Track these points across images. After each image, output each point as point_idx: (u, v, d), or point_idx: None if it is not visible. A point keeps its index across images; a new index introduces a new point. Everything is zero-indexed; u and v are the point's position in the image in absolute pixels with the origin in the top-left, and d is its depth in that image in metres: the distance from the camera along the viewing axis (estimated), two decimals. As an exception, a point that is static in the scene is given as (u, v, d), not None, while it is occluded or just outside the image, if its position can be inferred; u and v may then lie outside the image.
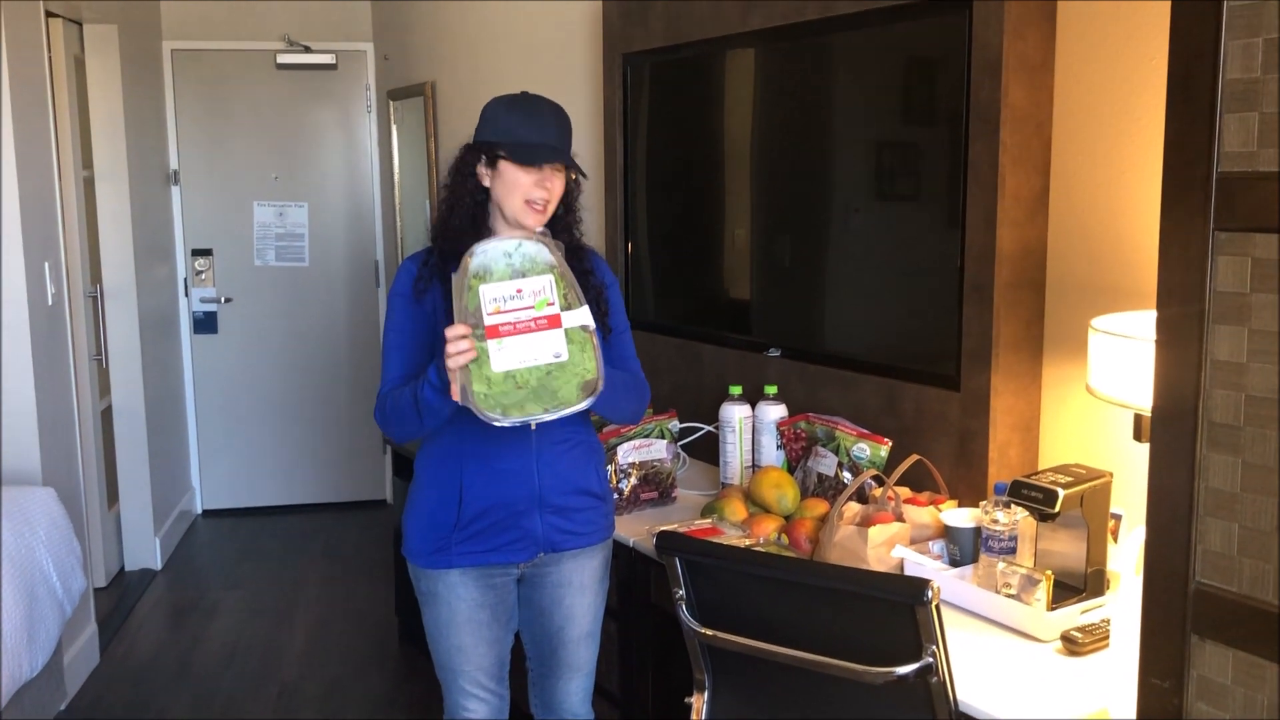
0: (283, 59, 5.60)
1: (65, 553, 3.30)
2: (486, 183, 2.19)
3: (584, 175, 2.23)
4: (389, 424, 2.21)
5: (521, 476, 2.20)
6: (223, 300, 5.72)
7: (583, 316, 1.97)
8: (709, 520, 2.51)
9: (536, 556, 2.26)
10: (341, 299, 5.87)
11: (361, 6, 5.75)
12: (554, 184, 2.17)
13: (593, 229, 3.64)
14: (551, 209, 2.20)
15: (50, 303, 3.73)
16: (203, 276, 5.70)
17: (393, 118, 5.56)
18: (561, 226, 2.28)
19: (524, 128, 2.15)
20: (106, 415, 4.83)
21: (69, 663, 3.69)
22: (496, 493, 2.20)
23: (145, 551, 5.00)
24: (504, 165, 2.15)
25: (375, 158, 5.82)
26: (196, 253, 5.68)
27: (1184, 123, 1.26)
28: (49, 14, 4.15)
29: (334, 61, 5.67)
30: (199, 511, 5.85)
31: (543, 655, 2.38)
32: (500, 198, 2.18)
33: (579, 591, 2.32)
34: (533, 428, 2.18)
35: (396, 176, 5.59)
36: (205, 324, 5.72)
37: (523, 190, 2.15)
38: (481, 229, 2.21)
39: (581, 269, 2.28)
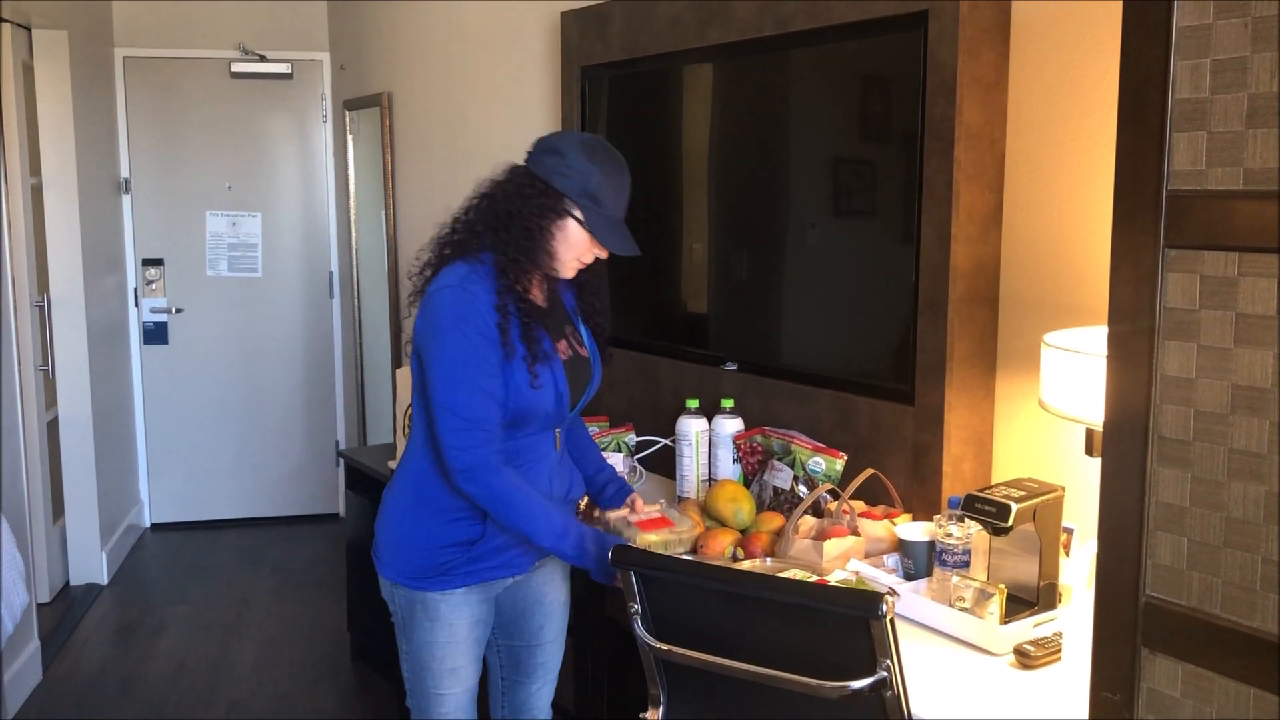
0: (237, 67, 5.55)
1: (8, 567, 3.23)
2: (553, 230, 2.10)
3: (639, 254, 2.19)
4: (497, 509, 2.07)
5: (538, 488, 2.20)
6: (174, 311, 5.64)
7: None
8: (656, 508, 2.46)
9: (535, 563, 2.27)
10: (295, 310, 5.81)
11: (318, 16, 5.71)
12: (603, 249, 2.17)
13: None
14: None
15: (-5, 312, 3.66)
16: (153, 286, 5.62)
17: (348, 128, 5.52)
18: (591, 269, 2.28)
19: (614, 202, 2.11)
20: (53, 427, 4.74)
21: (10, 680, 3.60)
22: None
23: (91, 566, 4.90)
24: (574, 225, 2.10)
25: (330, 168, 5.77)
26: (147, 262, 5.60)
27: (1134, 142, 1.28)
28: (-3, 18, 4.09)
29: (289, 71, 5.63)
30: (147, 525, 5.75)
31: (519, 660, 2.38)
32: (555, 248, 2.10)
33: (558, 587, 2.36)
34: (557, 446, 2.22)
35: (352, 187, 5.55)
36: (155, 334, 5.64)
37: (579, 252, 2.13)
38: (544, 270, 2.14)
39: (595, 307, 2.31)
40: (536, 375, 2.09)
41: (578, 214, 2.09)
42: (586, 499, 2.48)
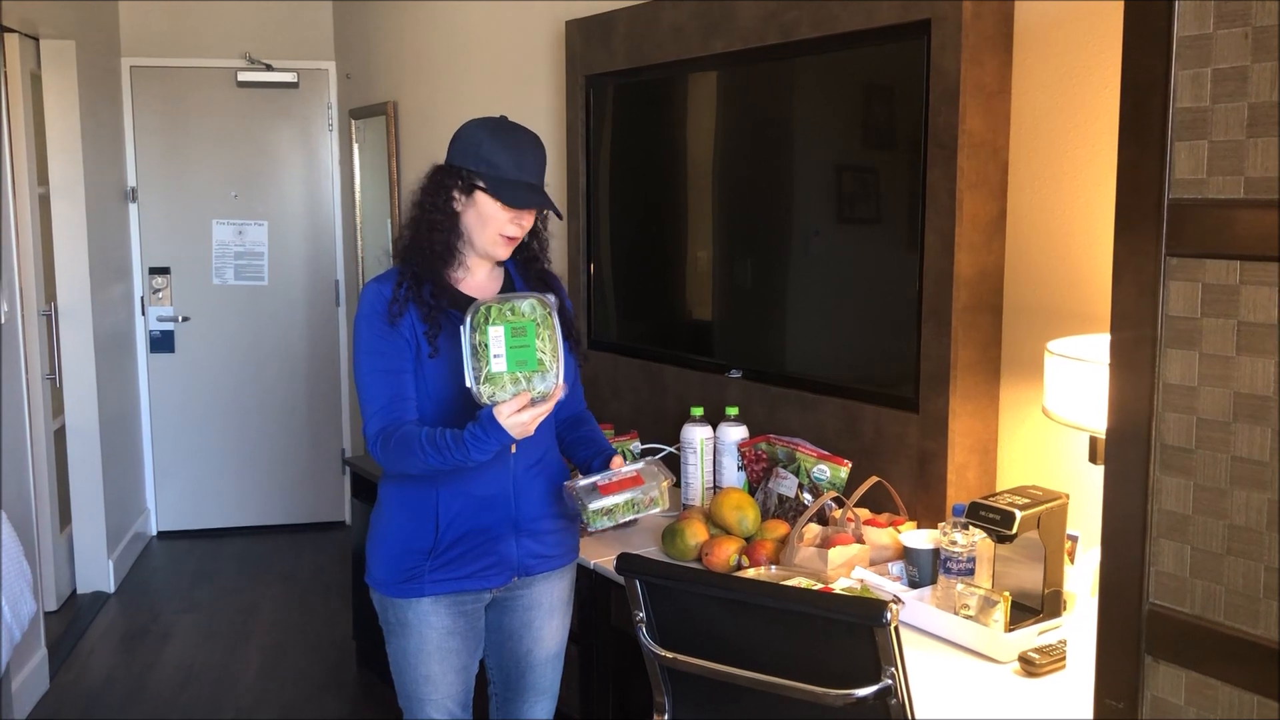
0: (244, 76, 5.57)
1: (15, 576, 3.24)
2: (458, 207, 2.15)
3: (560, 215, 2.22)
4: (397, 465, 2.11)
5: (498, 501, 2.17)
6: (180, 319, 5.66)
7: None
8: (636, 467, 2.22)
9: (510, 581, 2.24)
10: (301, 319, 5.82)
11: (324, 25, 5.74)
12: (527, 219, 2.17)
13: (555, 250, 3.64)
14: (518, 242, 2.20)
15: (2, 320, 3.67)
16: (160, 295, 5.64)
17: (354, 136, 5.53)
18: (529, 255, 2.28)
19: (508, 162, 2.12)
20: (59, 435, 4.75)
21: (17, 688, 3.61)
22: (474, 519, 2.17)
23: (98, 574, 4.91)
24: (481, 197, 2.12)
25: (336, 177, 5.79)
26: (154, 271, 5.62)
27: (1136, 150, 1.28)
28: (4, 29, 4.11)
29: (295, 80, 5.65)
30: (154, 533, 5.76)
31: (509, 679, 2.35)
32: (472, 228, 2.15)
33: (548, 614, 2.31)
34: (512, 450, 2.17)
35: (357, 195, 5.57)
36: (162, 343, 5.66)
37: (497, 225, 2.13)
38: (452, 253, 2.17)
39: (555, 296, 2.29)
40: (437, 350, 2.11)
41: (480, 183, 2.12)
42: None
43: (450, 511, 2.16)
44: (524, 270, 2.29)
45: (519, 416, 1.98)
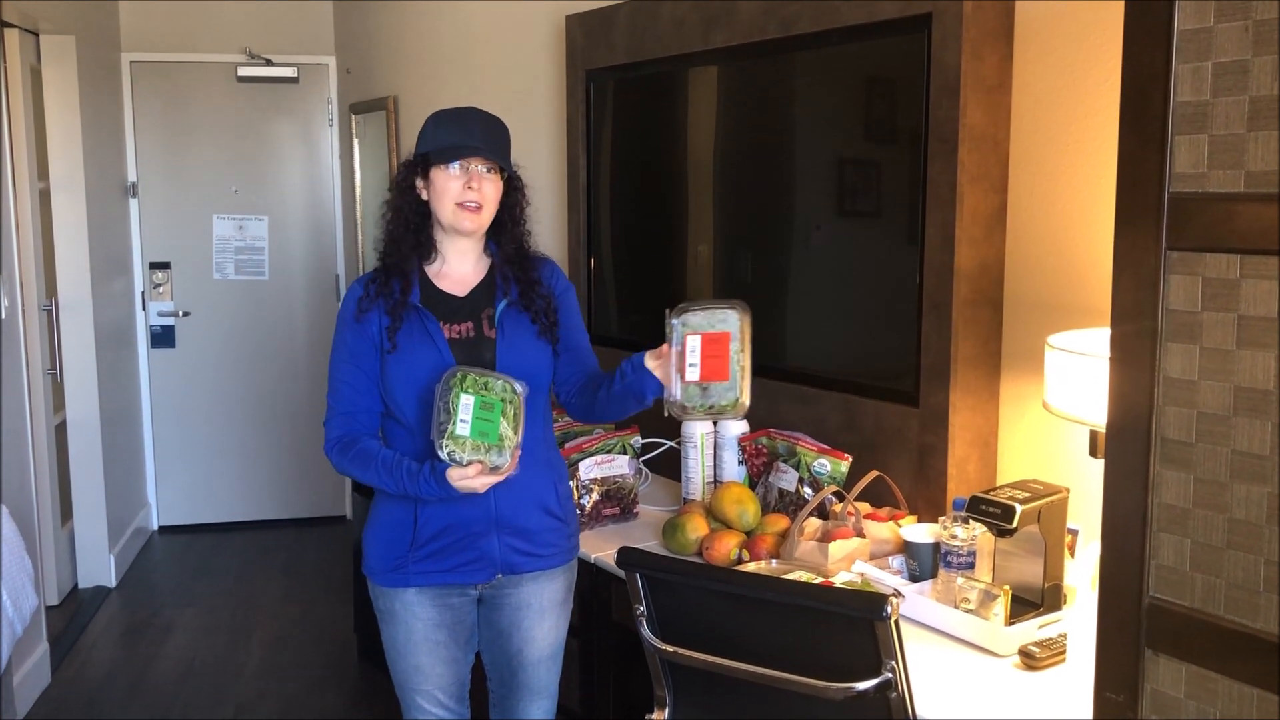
0: (244, 71, 5.56)
1: (16, 570, 3.25)
2: (424, 195, 2.20)
3: (513, 170, 2.22)
4: (349, 473, 2.20)
5: (477, 498, 2.16)
6: (181, 314, 5.66)
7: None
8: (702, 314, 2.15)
9: (494, 578, 2.24)
10: (301, 313, 5.82)
11: (324, 20, 5.73)
12: (485, 186, 2.17)
13: (556, 244, 3.64)
14: (488, 214, 2.19)
15: (3, 315, 3.67)
16: (161, 290, 5.64)
17: (354, 131, 5.53)
18: (508, 237, 2.28)
19: (452, 134, 2.17)
20: (61, 430, 4.75)
21: (19, 682, 3.62)
22: (451, 514, 2.18)
23: (99, 568, 4.92)
24: (434, 173, 2.17)
25: (336, 171, 5.79)
26: (154, 266, 5.61)
27: (1136, 144, 1.28)
28: (4, 24, 4.11)
29: (295, 74, 5.64)
30: (155, 528, 5.76)
31: (503, 677, 2.36)
32: (435, 206, 2.19)
33: (539, 615, 2.30)
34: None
35: (358, 190, 5.57)
36: (163, 338, 5.66)
37: (453, 194, 2.16)
38: (425, 244, 2.22)
39: (529, 278, 2.27)
40: (395, 346, 2.15)
41: (431, 159, 2.17)
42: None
43: (429, 506, 2.18)
44: (501, 253, 2.28)
45: (470, 482, 2.05)
